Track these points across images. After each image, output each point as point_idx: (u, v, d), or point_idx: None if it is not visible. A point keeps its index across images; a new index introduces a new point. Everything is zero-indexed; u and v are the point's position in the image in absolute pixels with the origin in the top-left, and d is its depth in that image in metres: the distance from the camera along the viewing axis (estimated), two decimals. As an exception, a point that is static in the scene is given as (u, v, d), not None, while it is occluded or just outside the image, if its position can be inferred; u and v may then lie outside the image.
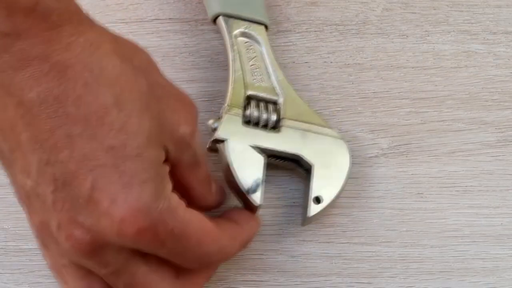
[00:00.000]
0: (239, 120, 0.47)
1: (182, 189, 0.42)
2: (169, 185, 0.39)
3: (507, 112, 0.50)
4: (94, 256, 0.38)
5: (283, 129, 0.47)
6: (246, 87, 0.48)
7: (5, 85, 0.36)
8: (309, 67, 0.51)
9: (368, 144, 0.49)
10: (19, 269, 0.47)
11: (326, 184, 0.46)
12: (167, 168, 0.39)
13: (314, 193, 0.46)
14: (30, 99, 0.36)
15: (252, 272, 0.47)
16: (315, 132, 0.47)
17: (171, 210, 0.38)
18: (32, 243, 0.47)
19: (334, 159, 0.47)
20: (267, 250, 0.47)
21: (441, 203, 0.48)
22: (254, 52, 0.49)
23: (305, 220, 0.46)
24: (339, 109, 0.50)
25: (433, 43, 0.52)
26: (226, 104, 0.47)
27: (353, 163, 0.49)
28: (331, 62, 0.51)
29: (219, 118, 0.47)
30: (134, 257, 0.39)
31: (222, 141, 0.46)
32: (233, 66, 0.48)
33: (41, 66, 0.36)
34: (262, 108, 0.47)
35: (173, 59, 0.51)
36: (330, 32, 0.52)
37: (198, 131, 0.41)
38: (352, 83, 0.51)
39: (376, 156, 0.49)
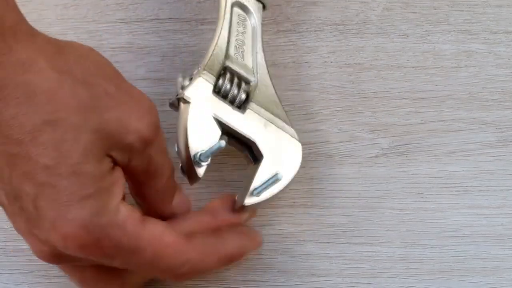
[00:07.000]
0: (210, 87, 0.45)
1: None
2: (115, 197, 0.39)
3: (507, 112, 0.50)
4: (58, 261, 0.40)
5: (248, 112, 0.46)
6: (226, 57, 0.47)
7: None
8: (309, 67, 0.51)
9: (368, 144, 0.49)
10: (19, 269, 0.47)
11: (269, 179, 0.45)
12: (116, 177, 0.39)
13: (254, 184, 0.45)
14: None
15: (252, 272, 0.47)
16: (277, 126, 0.46)
17: (117, 223, 0.38)
18: (32, 243, 0.47)
19: (286, 159, 0.46)
20: (267, 250, 0.47)
21: (441, 203, 0.48)
22: (244, 27, 0.48)
23: (236, 205, 0.45)
24: (339, 109, 0.50)
25: (434, 43, 0.52)
26: (201, 66, 0.45)
27: (353, 163, 0.49)
28: (331, 62, 0.51)
29: (190, 78, 0.45)
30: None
31: (186, 101, 0.44)
32: (220, 33, 0.47)
33: None
34: (235, 83, 0.46)
35: (173, 59, 0.51)
36: (330, 32, 0.52)
37: (161, 139, 0.41)
38: (352, 83, 0.51)
39: (376, 156, 0.49)
